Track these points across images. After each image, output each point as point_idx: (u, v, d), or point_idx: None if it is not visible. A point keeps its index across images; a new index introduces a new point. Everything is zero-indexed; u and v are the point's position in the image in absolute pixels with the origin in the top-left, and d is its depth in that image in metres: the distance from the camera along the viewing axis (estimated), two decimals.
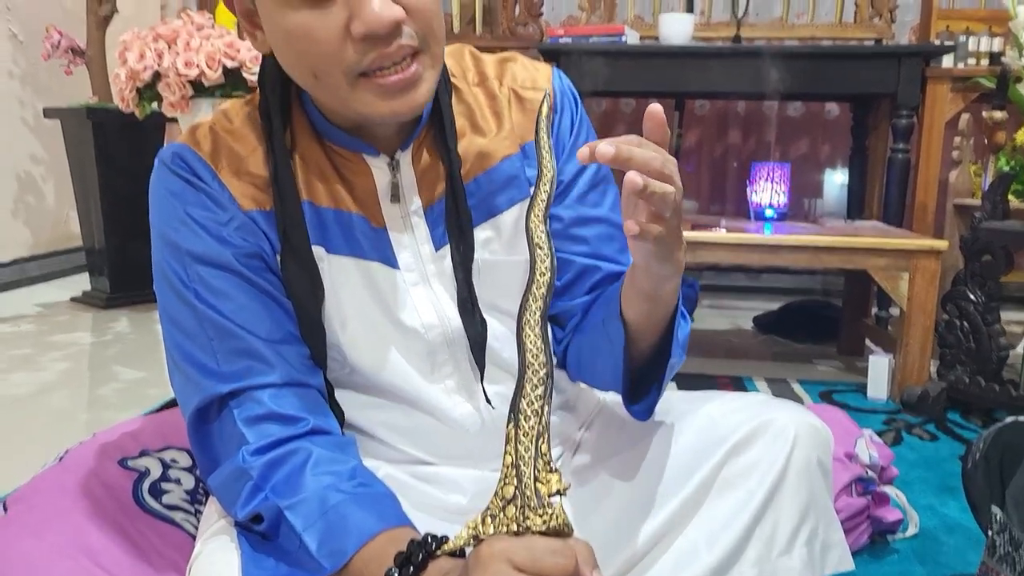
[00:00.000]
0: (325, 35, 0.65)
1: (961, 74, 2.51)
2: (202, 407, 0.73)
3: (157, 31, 2.27)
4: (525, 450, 0.57)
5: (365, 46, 0.66)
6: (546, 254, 0.66)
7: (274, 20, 0.68)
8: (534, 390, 0.59)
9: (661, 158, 0.62)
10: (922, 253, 1.92)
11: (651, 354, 0.79)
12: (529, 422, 0.58)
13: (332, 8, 0.65)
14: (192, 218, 0.75)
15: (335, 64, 0.67)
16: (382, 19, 0.64)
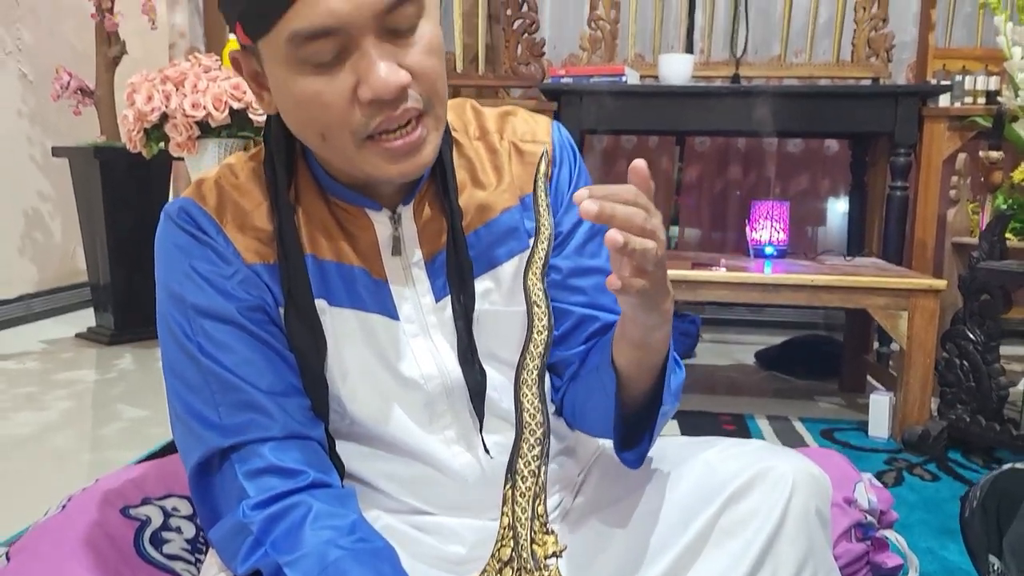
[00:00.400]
0: (333, 99, 0.67)
1: (958, 113, 2.54)
2: (204, 460, 0.74)
3: (165, 73, 2.31)
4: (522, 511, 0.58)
5: (372, 110, 0.67)
6: (544, 312, 0.67)
7: (282, 84, 0.70)
8: (531, 450, 0.60)
9: (644, 214, 0.64)
10: (921, 292, 1.93)
11: (643, 401, 0.80)
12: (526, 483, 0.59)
13: (340, 73, 0.67)
14: (196, 272, 0.76)
15: (343, 127, 0.69)
16: (389, 84, 0.66)
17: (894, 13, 3.21)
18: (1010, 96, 2.25)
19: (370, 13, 0.65)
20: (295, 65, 0.67)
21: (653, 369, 0.77)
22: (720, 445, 0.90)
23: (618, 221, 0.62)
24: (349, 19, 0.64)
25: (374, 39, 0.66)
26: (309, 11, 0.64)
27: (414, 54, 0.68)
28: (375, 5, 0.65)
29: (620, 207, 0.62)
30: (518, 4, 3.01)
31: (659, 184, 3.50)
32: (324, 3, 0.64)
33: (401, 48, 0.68)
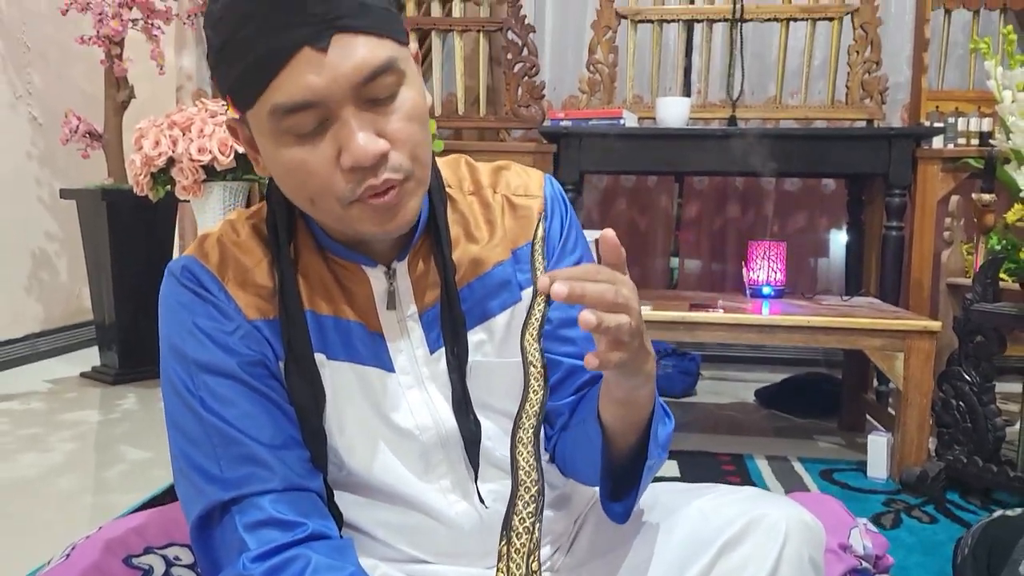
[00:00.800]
0: (317, 168, 0.70)
1: (951, 155, 2.58)
2: (205, 513, 0.76)
3: (172, 119, 2.36)
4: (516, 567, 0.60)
5: (354, 176, 0.70)
6: (539, 373, 0.69)
7: (270, 154, 0.73)
8: (525, 507, 0.62)
9: (614, 289, 0.65)
10: (916, 334, 1.95)
11: (630, 455, 0.82)
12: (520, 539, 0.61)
13: (322, 143, 0.70)
14: (199, 328, 0.79)
15: (328, 192, 0.71)
16: (368, 153, 0.68)
17: (889, 54, 3.27)
18: (1002, 139, 2.29)
19: (347, 85, 0.68)
20: (279, 136, 0.71)
21: (638, 424, 0.79)
22: (713, 492, 0.92)
23: (589, 300, 0.63)
24: (327, 92, 0.67)
25: (353, 109, 0.69)
26: (288, 86, 0.67)
27: (394, 121, 0.71)
28: (352, 78, 0.68)
29: (590, 286, 0.64)
30: (518, 48, 3.07)
31: (659, 220, 3.54)
32: (302, 78, 0.67)
33: (381, 116, 0.70)
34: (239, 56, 0.69)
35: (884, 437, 2.03)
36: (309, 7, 0.66)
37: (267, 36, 0.67)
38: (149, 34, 2.87)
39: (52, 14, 3.09)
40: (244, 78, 0.69)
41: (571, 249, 0.91)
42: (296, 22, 0.66)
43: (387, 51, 0.70)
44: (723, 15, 2.90)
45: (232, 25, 0.68)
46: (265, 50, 0.67)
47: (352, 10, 0.67)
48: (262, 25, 0.67)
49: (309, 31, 0.66)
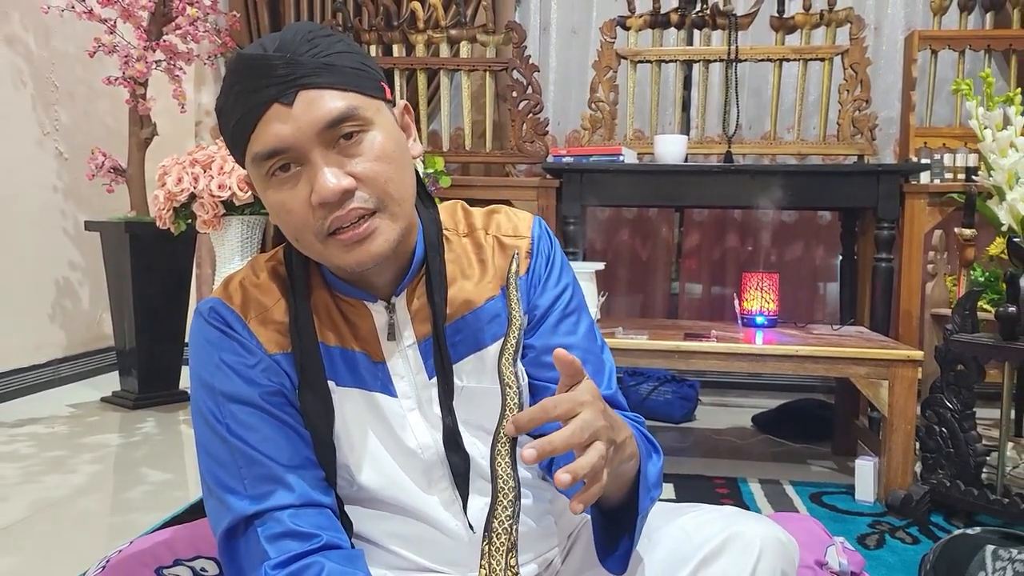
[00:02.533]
0: (294, 207, 0.82)
1: (936, 190, 2.68)
2: (231, 527, 0.86)
3: (194, 157, 2.50)
4: (496, 564, 0.70)
5: (324, 211, 0.81)
6: (515, 392, 0.79)
7: (262, 198, 0.86)
8: (504, 511, 0.72)
9: (578, 428, 0.69)
10: (900, 363, 2.04)
11: (621, 502, 0.89)
12: (500, 539, 0.71)
13: (298, 184, 0.82)
14: (225, 363, 0.89)
15: (306, 228, 0.83)
16: (332, 190, 0.80)
17: (881, 91, 3.39)
18: (984, 175, 2.38)
19: (312, 132, 0.80)
20: (264, 180, 0.83)
21: (625, 485, 0.86)
22: (695, 511, 1.01)
23: (560, 451, 0.68)
24: (294, 139, 0.80)
25: (321, 151, 0.81)
26: (262, 136, 0.80)
27: (361, 162, 0.82)
28: (315, 124, 0.80)
29: (556, 440, 0.68)
30: (523, 87, 3.20)
31: (660, 249, 3.65)
32: (272, 129, 0.80)
33: (348, 158, 0.82)
34: (229, 117, 0.83)
35: (871, 461, 2.11)
36: (277, 71, 0.79)
37: (246, 97, 0.80)
38: (172, 75, 3.02)
39: (80, 55, 3.25)
40: (235, 135, 0.83)
41: (554, 283, 1.00)
42: (266, 83, 0.79)
43: (349, 101, 0.81)
44: (719, 56, 3.02)
45: (225, 94, 0.83)
46: (245, 109, 0.81)
47: (316, 70, 0.80)
48: (242, 89, 0.80)
49: (277, 90, 0.79)
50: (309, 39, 0.81)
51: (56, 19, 3.13)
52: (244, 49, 0.82)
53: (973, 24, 3.14)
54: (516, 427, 0.70)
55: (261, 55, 0.80)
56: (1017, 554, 1.08)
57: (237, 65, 0.81)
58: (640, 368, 3.01)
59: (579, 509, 0.70)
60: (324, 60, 0.80)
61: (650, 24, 3.12)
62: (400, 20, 3.32)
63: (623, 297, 3.65)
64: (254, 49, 0.81)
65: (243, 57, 0.81)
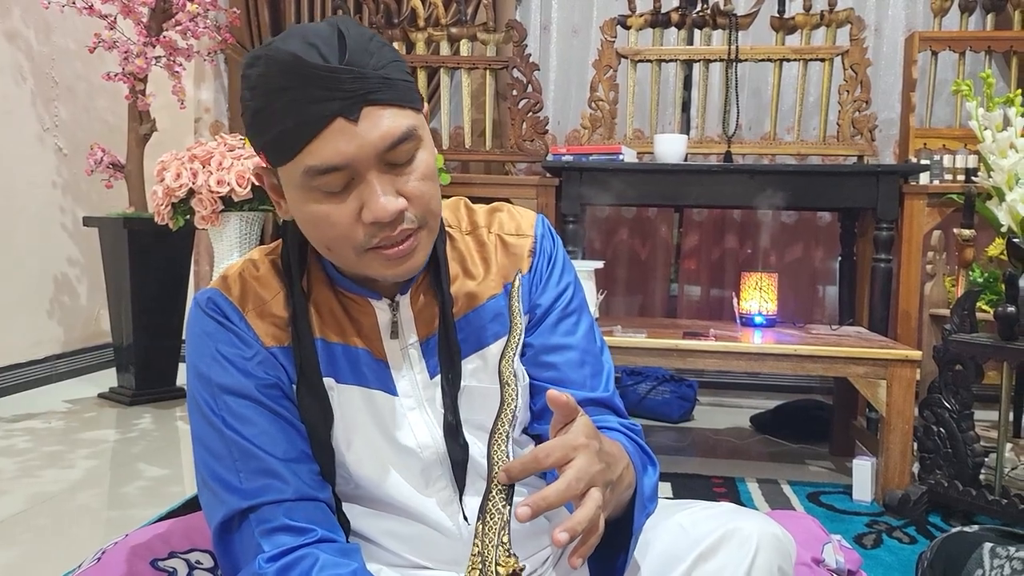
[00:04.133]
0: (340, 220, 0.80)
1: (936, 190, 2.68)
2: (226, 520, 0.85)
3: (193, 152, 2.49)
4: (490, 541, 0.70)
5: (374, 229, 0.80)
6: (513, 390, 0.80)
7: (297, 204, 0.83)
8: (499, 493, 0.72)
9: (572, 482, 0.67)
10: (898, 362, 2.04)
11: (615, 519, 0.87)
12: (493, 519, 0.71)
13: (347, 199, 0.79)
14: (222, 354, 0.88)
15: (347, 242, 0.81)
16: (388, 210, 0.78)
17: (882, 92, 3.39)
18: (984, 176, 2.38)
19: (373, 152, 0.78)
20: (308, 191, 0.80)
21: (621, 507, 0.85)
22: (692, 508, 1.01)
23: (555, 506, 0.67)
24: (355, 158, 0.77)
25: (376, 172, 0.79)
26: (322, 151, 0.77)
27: (411, 181, 0.81)
28: (378, 145, 0.78)
29: (551, 494, 0.67)
30: (523, 85, 3.20)
31: (659, 249, 3.65)
32: (334, 145, 0.77)
33: (400, 176, 0.80)
34: (275, 122, 0.78)
35: (869, 461, 2.11)
36: (343, 84, 0.75)
37: (302, 107, 0.76)
38: (171, 71, 3.01)
39: (80, 51, 3.25)
40: (280, 140, 0.79)
41: (556, 282, 1.00)
42: (331, 96, 0.75)
43: (408, 120, 0.80)
44: (719, 56, 3.02)
45: (268, 94, 0.78)
46: (301, 119, 0.76)
47: (379, 85, 0.77)
48: (298, 97, 0.76)
49: (341, 104, 0.76)
50: (366, 47, 0.77)
51: (56, 15, 3.12)
52: (294, 49, 0.75)
53: (974, 25, 3.14)
54: (508, 476, 0.69)
55: (325, 66, 0.75)
56: (1015, 552, 1.08)
57: (289, 69, 0.75)
58: (638, 367, 3.01)
59: (578, 564, 0.68)
60: (383, 74, 0.78)
61: (650, 23, 3.12)
62: (400, 18, 3.32)
63: (622, 297, 3.65)
64: (307, 53, 0.75)
65: (301, 62, 0.75)
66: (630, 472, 0.82)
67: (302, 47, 0.76)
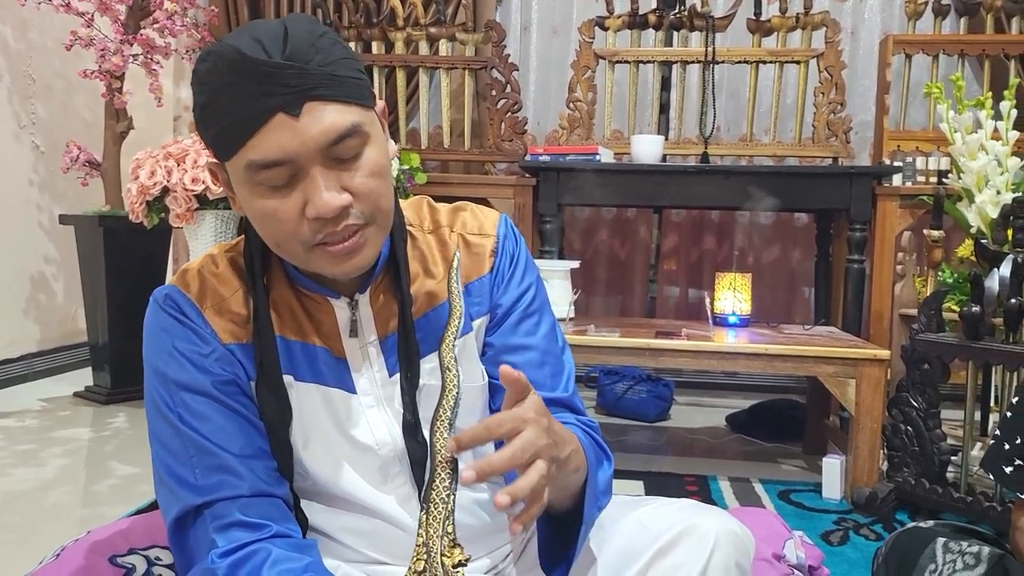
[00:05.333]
0: (285, 216, 0.80)
1: (908, 192, 2.71)
2: (180, 516, 0.86)
3: (168, 150, 2.49)
4: (434, 532, 0.71)
5: (318, 225, 0.80)
6: (454, 375, 0.81)
7: (244, 200, 0.83)
8: (442, 483, 0.73)
9: (519, 449, 0.70)
10: (867, 362, 2.06)
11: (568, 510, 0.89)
12: (437, 508, 0.72)
13: (291, 195, 0.80)
14: (178, 351, 0.89)
15: (294, 238, 0.81)
16: (330, 205, 0.78)
17: (858, 94, 3.43)
18: (955, 178, 2.41)
19: (316, 147, 0.78)
20: (254, 186, 0.80)
21: (571, 496, 0.87)
22: (652, 504, 1.02)
23: (501, 470, 0.69)
24: (297, 153, 0.77)
25: (320, 167, 0.79)
26: (263, 145, 0.77)
27: (357, 177, 0.81)
28: (320, 140, 0.78)
29: (496, 460, 0.69)
30: (502, 85, 3.21)
31: (638, 250, 3.66)
32: (276, 139, 0.77)
33: (345, 172, 0.80)
34: (220, 116, 0.78)
35: (838, 460, 2.13)
36: (285, 79, 0.76)
37: (246, 101, 0.76)
38: (149, 69, 3.00)
39: (57, 48, 3.23)
40: (224, 135, 0.79)
41: (517, 283, 1.01)
42: (272, 91, 0.76)
43: (353, 116, 0.79)
44: (696, 57, 3.04)
45: (214, 88, 0.78)
46: (244, 114, 0.77)
47: (323, 81, 0.77)
48: (242, 91, 0.76)
49: (283, 99, 0.76)
50: (312, 43, 0.77)
51: (33, 12, 3.11)
52: (239, 45, 0.76)
53: (948, 29, 3.17)
54: (458, 445, 0.70)
55: (267, 61, 0.75)
56: (967, 547, 1.10)
57: (232, 64, 0.75)
58: (615, 367, 3.03)
59: (518, 530, 0.70)
60: (329, 70, 0.77)
61: (628, 25, 3.13)
62: (380, 17, 3.32)
63: (602, 297, 3.66)
64: (253, 49, 0.75)
65: (244, 57, 0.75)
66: (580, 456, 0.83)
67: (248, 43, 0.76)
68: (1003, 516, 1.75)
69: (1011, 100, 2.32)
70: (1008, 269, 1.83)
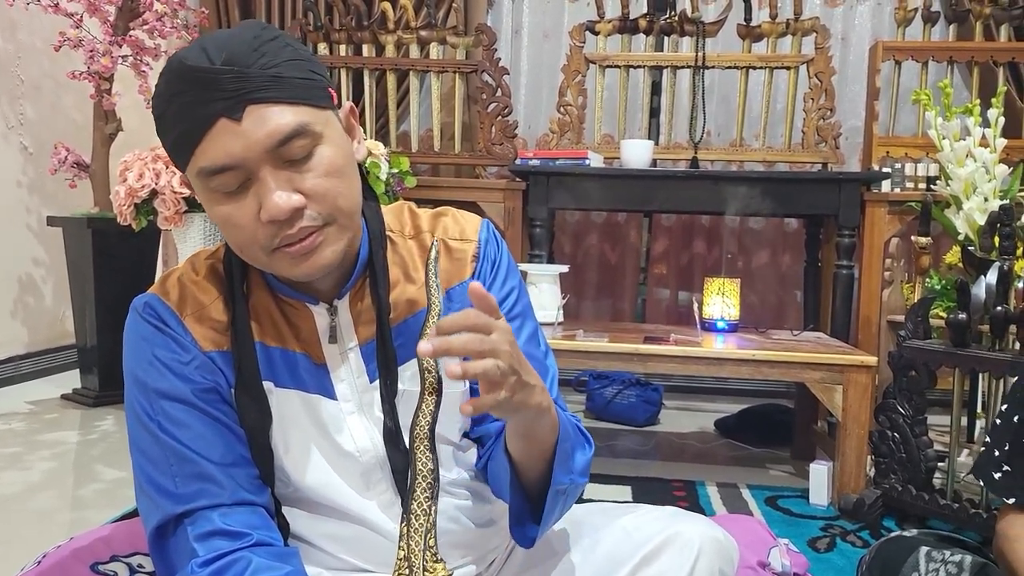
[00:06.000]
0: (241, 221, 0.81)
1: (896, 198, 2.72)
2: (161, 524, 0.85)
3: (156, 152, 2.48)
4: (416, 545, 0.70)
5: (273, 228, 0.80)
6: (433, 378, 0.80)
7: (207, 208, 0.84)
8: (423, 493, 0.72)
9: (479, 337, 0.71)
10: (854, 368, 2.06)
11: (542, 481, 0.89)
12: (419, 520, 0.71)
13: (245, 199, 0.80)
14: (158, 359, 0.88)
15: (253, 243, 0.82)
16: (281, 208, 0.78)
17: (848, 100, 3.44)
18: (943, 184, 2.42)
19: (261, 149, 0.78)
20: (210, 193, 0.81)
21: (545, 453, 0.86)
22: (637, 512, 1.02)
23: (455, 351, 0.70)
24: (243, 157, 0.78)
25: (271, 168, 0.79)
26: (210, 151, 0.78)
27: (311, 178, 0.81)
28: (265, 143, 0.78)
29: (455, 339, 0.70)
30: (492, 89, 3.21)
31: (628, 254, 3.67)
32: (221, 145, 0.77)
33: (297, 174, 0.80)
34: (171, 126, 0.80)
35: (825, 466, 2.14)
36: (223, 84, 0.76)
37: (190, 109, 0.77)
38: (138, 70, 2.99)
39: (46, 49, 3.21)
40: (176, 145, 0.81)
41: (499, 287, 1.00)
42: (213, 97, 0.76)
43: (300, 117, 0.79)
44: (687, 62, 3.05)
45: (166, 100, 0.79)
46: (189, 122, 0.78)
47: (264, 84, 0.77)
48: (186, 101, 0.77)
49: (224, 104, 0.76)
50: (255, 47, 0.78)
51: (22, 12, 3.09)
52: (184, 56, 0.78)
53: (937, 36, 3.19)
54: (438, 330, 0.71)
55: (207, 68, 0.76)
56: (950, 556, 1.10)
57: (179, 73, 0.77)
58: (605, 372, 3.03)
59: (468, 411, 0.72)
60: (272, 72, 0.78)
61: (619, 29, 3.14)
62: (370, 20, 3.32)
63: (591, 301, 3.66)
64: (197, 58, 0.77)
65: (186, 67, 0.77)
66: (546, 398, 0.82)
67: (195, 53, 0.78)
68: (989, 523, 1.76)
69: (999, 107, 2.34)
70: (995, 276, 1.84)
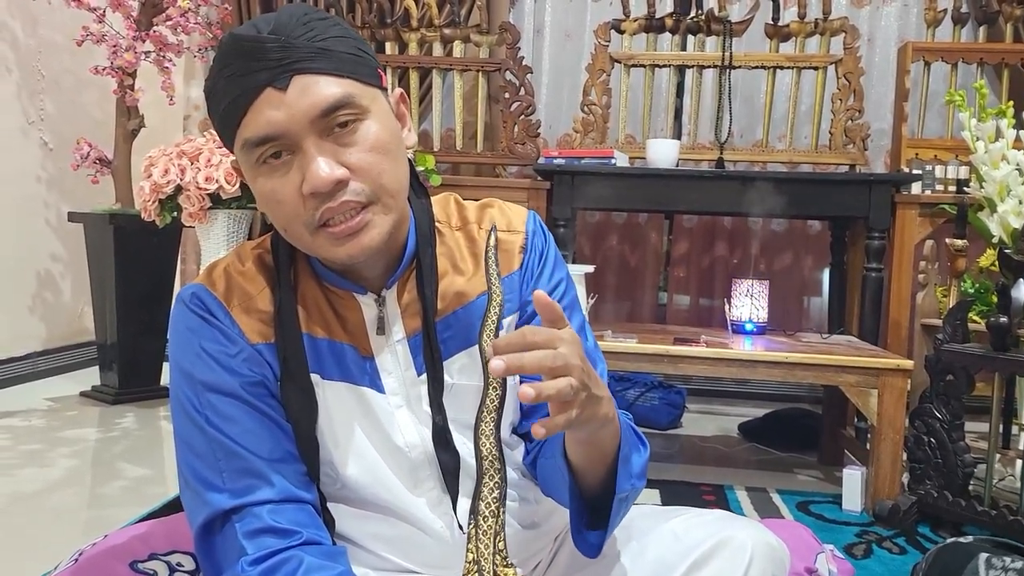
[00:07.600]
0: (285, 196, 0.79)
1: (928, 200, 2.68)
2: (208, 521, 0.83)
3: (181, 148, 2.46)
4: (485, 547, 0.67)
5: (315, 202, 0.78)
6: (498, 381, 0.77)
7: (252, 185, 0.83)
8: (491, 493, 0.70)
9: (551, 354, 0.68)
10: (890, 372, 2.03)
11: (601, 485, 0.86)
12: (487, 522, 0.69)
13: (289, 173, 0.79)
14: (206, 351, 0.86)
15: (296, 219, 0.80)
16: (324, 180, 0.77)
17: (874, 102, 3.40)
18: (976, 187, 2.38)
19: (305, 120, 0.77)
20: (255, 168, 0.80)
21: (605, 459, 0.83)
22: (685, 515, 0.99)
23: (528, 370, 0.67)
24: (286, 126, 0.77)
25: (315, 139, 0.78)
26: (254, 121, 0.77)
27: (355, 152, 0.79)
28: (309, 112, 0.77)
29: (528, 356, 0.67)
30: (515, 88, 3.18)
31: (649, 256, 3.63)
32: (264, 114, 0.77)
33: (342, 147, 0.79)
34: (219, 100, 0.79)
35: (859, 471, 2.10)
36: (271, 54, 0.76)
37: (237, 81, 0.77)
38: (161, 66, 2.98)
39: (68, 44, 3.20)
40: (224, 118, 0.80)
41: (547, 279, 0.98)
42: (259, 67, 0.76)
43: (345, 88, 0.78)
44: (712, 62, 3.02)
45: (215, 74, 0.79)
46: (237, 93, 0.77)
47: (311, 55, 0.77)
48: (233, 72, 0.77)
49: (270, 74, 0.76)
50: (304, 21, 0.78)
51: (44, 7, 3.09)
52: (236, 30, 0.79)
53: (966, 37, 3.15)
54: (494, 349, 0.67)
55: (254, 36, 0.77)
56: (1011, 563, 1.07)
57: (228, 46, 0.78)
58: (627, 374, 2.99)
59: (541, 433, 0.68)
60: (320, 44, 0.78)
61: (644, 28, 3.11)
62: (394, 17, 3.29)
63: (611, 303, 3.63)
64: (246, 30, 0.78)
65: (235, 38, 0.77)
66: (611, 408, 0.79)
67: (246, 27, 0.79)
68: None
69: None
70: None
